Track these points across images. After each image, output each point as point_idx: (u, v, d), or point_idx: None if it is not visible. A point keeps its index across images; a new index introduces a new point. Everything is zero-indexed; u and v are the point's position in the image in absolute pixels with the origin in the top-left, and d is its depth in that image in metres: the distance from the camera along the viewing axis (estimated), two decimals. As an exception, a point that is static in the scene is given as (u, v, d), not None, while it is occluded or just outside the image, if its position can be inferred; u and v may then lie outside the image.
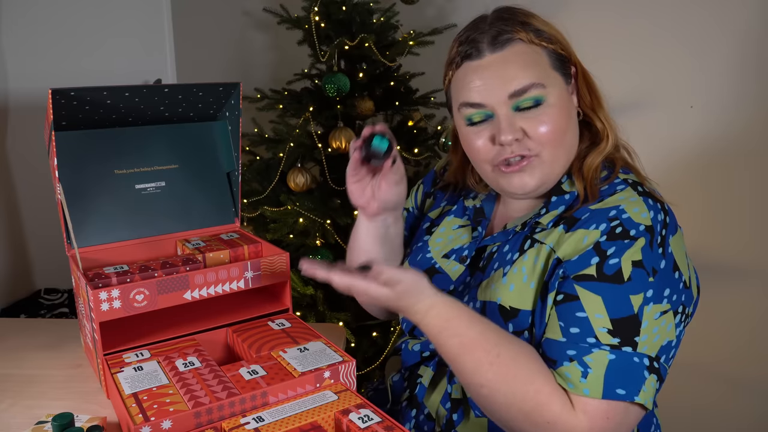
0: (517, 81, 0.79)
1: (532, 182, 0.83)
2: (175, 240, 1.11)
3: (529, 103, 0.80)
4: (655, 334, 0.73)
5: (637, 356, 0.72)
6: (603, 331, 0.72)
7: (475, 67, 0.81)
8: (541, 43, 0.81)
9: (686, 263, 0.79)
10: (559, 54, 0.83)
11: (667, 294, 0.74)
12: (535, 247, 0.82)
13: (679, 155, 1.70)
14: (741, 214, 1.64)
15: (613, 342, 0.72)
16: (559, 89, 0.82)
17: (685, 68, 1.66)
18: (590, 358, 0.72)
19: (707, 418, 1.74)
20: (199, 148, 1.14)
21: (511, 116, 0.81)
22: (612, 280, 0.73)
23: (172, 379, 0.79)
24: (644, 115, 1.73)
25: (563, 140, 0.82)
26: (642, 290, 0.73)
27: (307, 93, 1.88)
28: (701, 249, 1.70)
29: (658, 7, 1.67)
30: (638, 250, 0.74)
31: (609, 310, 0.73)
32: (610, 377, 0.71)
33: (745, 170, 1.62)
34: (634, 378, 0.71)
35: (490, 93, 0.80)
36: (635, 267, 0.73)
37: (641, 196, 0.78)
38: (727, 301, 1.68)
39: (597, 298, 0.73)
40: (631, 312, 0.72)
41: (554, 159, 0.82)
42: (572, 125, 0.84)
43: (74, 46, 1.96)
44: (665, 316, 0.74)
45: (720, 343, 1.71)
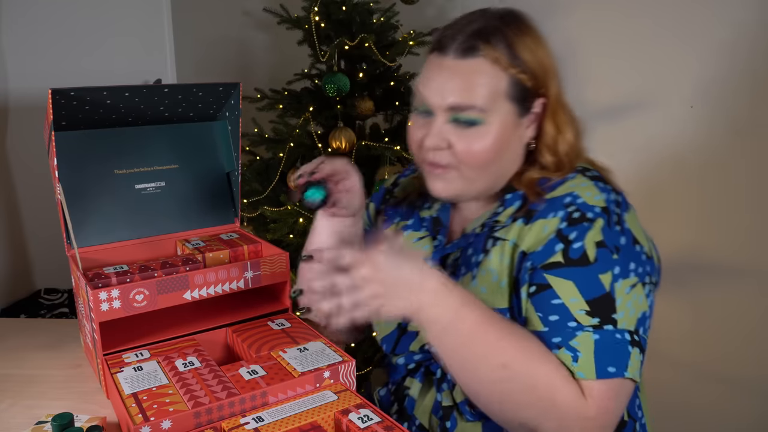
0: (460, 97, 0.79)
1: (447, 191, 0.85)
2: (175, 240, 1.11)
3: (464, 119, 0.80)
4: (630, 308, 0.75)
5: (618, 333, 0.73)
6: (581, 313, 0.74)
7: (437, 63, 0.82)
8: (507, 68, 0.80)
9: (644, 236, 0.81)
10: (523, 86, 0.81)
11: (632, 268, 0.76)
12: (498, 245, 0.82)
13: (679, 155, 1.70)
14: (738, 213, 1.64)
15: (594, 322, 0.73)
16: (505, 119, 0.81)
17: (686, 68, 1.66)
18: (576, 341, 0.73)
19: (704, 418, 1.74)
20: (199, 148, 1.14)
21: (443, 125, 0.82)
22: (579, 263, 0.75)
23: (171, 379, 0.79)
24: (644, 114, 1.73)
25: (488, 166, 0.82)
26: (609, 268, 0.75)
27: (307, 93, 1.88)
28: (698, 248, 1.70)
29: (659, 6, 1.67)
30: (599, 231, 0.76)
31: (582, 292, 0.74)
32: (600, 357, 0.72)
33: (743, 170, 1.62)
34: (621, 354, 0.73)
35: (435, 95, 0.81)
36: (599, 247, 0.75)
37: (592, 180, 0.80)
38: (724, 300, 1.68)
39: (568, 283, 0.75)
40: (604, 291, 0.74)
41: (475, 178, 0.83)
42: (507, 154, 0.83)
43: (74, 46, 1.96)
44: (635, 290, 0.76)
45: (717, 343, 1.71)
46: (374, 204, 1.08)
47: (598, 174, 0.83)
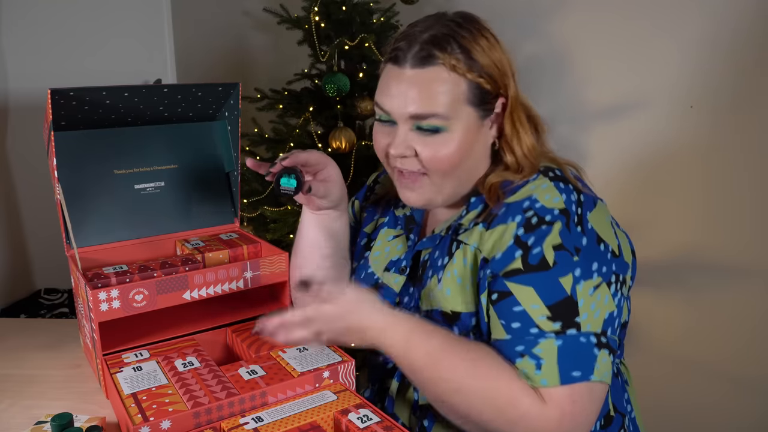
0: (421, 106, 0.79)
1: (417, 200, 0.85)
2: (175, 240, 1.11)
3: (427, 126, 0.80)
4: (594, 310, 0.74)
5: (583, 336, 0.72)
6: (543, 319, 0.73)
7: (395, 74, 0.82)
8: (465, 74, 0.79)
9: (612, 233, 0.80)
10: (482, 89, 0.81)
11: (595, 268, 0.75)
12: (461, 248, 0.82)
13: (679, 155, 1.70)
14: (741, 213, 1.64)
15: (556, 327, 0.73)
16: (467, 123, 0.81)
17: (685, 68, 1.66)
18: (539, 348, 0.72)
19: (708, 417, 1.74)
20: (199, 148, 1.14)
21: (407, 133, 0.82)
22: (538, 268, 0.75)
23: (171, 379, 0.79)
24: (644, 114, 1.73)
25: (455, 171, 0.82)
26: (569, 271, 0.74)
27: (307, 93, 1.88)
28: (701, 248, 1.70)
29: (658, 7, 1.67)
30: (556, 235, 0.75)
31: (543, 297, 0.74)
32: (563, 362, 0.71)
33: (744, 170, 1.62)
34: (586, 358, 0.72)
35: (395, 106, 0.81)
36: (557, 251, 0.75)
37: (552, 182, 0.79)
38: (728, 300, 1.68)
39: (528, 289, 0.74)
40: (565, 294, 0.73)
41: (442, 184, 0.83)
42: (473, 157, 0.84)
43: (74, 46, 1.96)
44: (599, 290, 0.75)
45: (721, 342, 1.71)
46: (358, 201, 1.08)
47: (561, 174, 0.81)
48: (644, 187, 1.75)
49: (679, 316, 1.75)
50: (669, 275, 1.74)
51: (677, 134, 1.69)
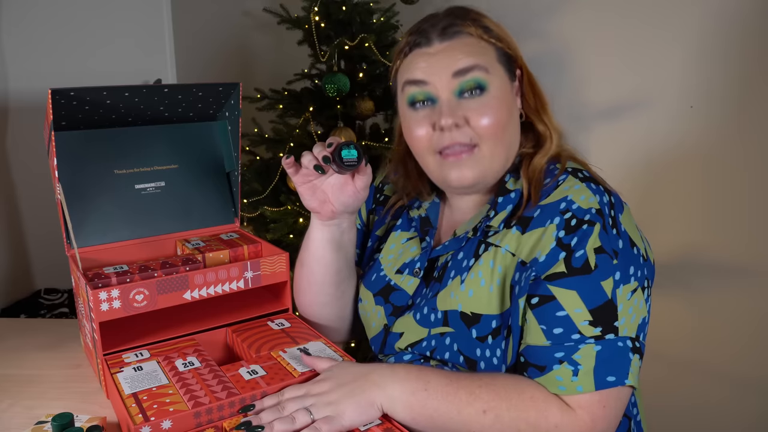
0: (462, 62, 0.81)
1: (470, 175, 0.83)
2: (175, 240, 1.11)
3: (471, 84, 0.80)
4: (631, 314, 0.74)
5: (620, 341, 0.73)
6: (585, 324, 0.73)
7: (423, 53, 0.83)
8: (489, 39, 0.83)
9: (639, 236, 0.80)
10: (505, 52, 0.85)
11: (632, 272, 0.76)
12: (489, 250, 0.81)
13: (680, 155, 1.70)
14: (741, 213, 1.64)
15: (596, 333, 0.72)
16: (502, 82, 0.83)
17: (685, 68, 1.66)
18: (579, 355, 0.72)
19: (709, 418, 1.74)
20: (199, 148, 1.14)
21: (453, 101, 0.82)
22: (581, 271, 0.74)
23: (171, 379, 0.79)
24: (644, 114, 1.73)
25: (503, 135, 0.83)
26: (610, 274, 0.74)
27: (307, 93, 1.88)
28: (702, 248, 1.70)
29: (658, 7, 1.67)
30: (596, 237, 0.75)
31: (586, 301, 0.73)
32: (600, 368, 0.71)
33: (745, 170, 1.62)
34: (622, 363, 0.72)
35: (435, 72, 0.81)
36: (598, 254, 0.74)
37: (583, 182, 0.79)
38: (729, 300, 1.68)
39: (572, 293, 0.74)
40: (606, 298, 0.73)
41: (493, 153, 0.83)
42: (513, 123, 0.85)
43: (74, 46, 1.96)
44: (636, 295, 0.75)
45: (722, 343, 1.71)
46: (367, 204, 1.06)
47: (590, 174, 0.82)
48: (644, 187, 1.75)
49: (680, 316, 1.75)
50: (669, 275, 1.74)
51: (677, 134, 1.70)
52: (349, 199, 0.88)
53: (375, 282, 0.95)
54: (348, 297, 1.00)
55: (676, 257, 1.73)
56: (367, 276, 0.97)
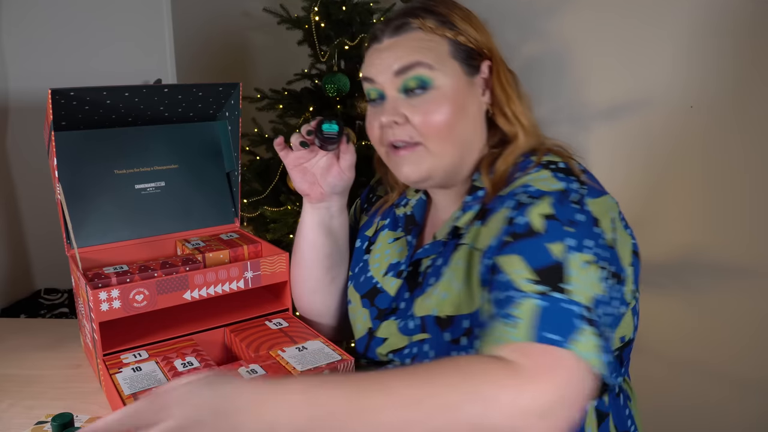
0: (403, 60, 0.79)
1: (416, 173, 0.81)
2: (175, 240, 1.11)
3: (413, 83, 0.79)
4: (585, 283, 0.64)
5: (567, 302, 0.62)
6: (526, 282, 0.63)
7: (375, 49, 0.83)
8: (443, 33, 0.80)
9: (610, 227, 0.72)
10: (463, 46, 0.81)
11: (590, 245, 0.66)
12: (459, 250, 0.80)
13: (680, 155, 1.70)
14: (742, 213, 1.64)
15: (539, 289, 0.62)
16: (455, 78, 0.80)
17: (685, 68, 1.66)
18: (517, 309, 0.62)
19: (709, 418, 1.74)
20: (199, 148, 1.14)
21: (396, 99, 0.81)
22: (525, 235, 0.67)
23: (171, 379, 0.79)
24: (644, 114, 1.73)
25: (450, 133, 0.79)
26: (560, 239, 0.66)
27: (307, 93, 1.88)
28: (703, 248, 1.70)
29: (658, 7, 1.67)
30: (547, 205, 0.69)
31: (529, 262, 0.65)
32: (540, 322, 0.60)
33: (745, 170, 1.62)
34: (566, 324, 0.60)
35: (380, 71, 0.81)
36: (548, 219, 0.67)
37: (552, 172, 0.74)
38: (730, 300, 1.68)
39: (514, 257, 0.66)
40: (554, 260, 0.64)
41: (442, 152, 0.80)
42: (467, 119, 0.81)
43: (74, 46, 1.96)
44: (591, 267, 0.65)
45: (722, 343, 1.71)
46: (360, 201, 1.07)
47: (565, 166, 0.75)
48: (644, 187, 1.75)
49: (680, 317, 1.75)
50: (669, 275, 1.74)
51: (677, 134, 1.69)
52: (335, 180, 0.90)
53: (363, 283, 0.93)
54: (338, 286, 0.99)
55: (676, 257, 1.73)
56: (356, 277, 0.96)
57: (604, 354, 0.61)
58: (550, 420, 0.55)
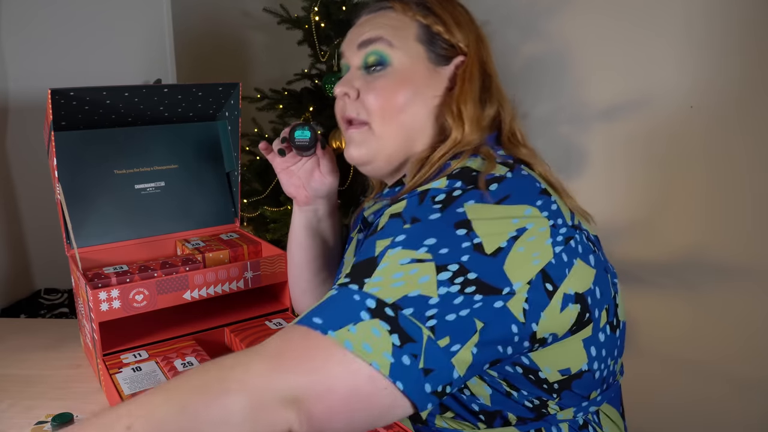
0: (366, 34, 0.79)
1: (358, 154, 0.80)
2: (175, 240, 1.11)
3: (372, 59, 0.78)
4: (397, 279, 0.58)
5: (359, 294, 0.57)
6: (340, 279, 0.61)
7: (353, 27, 0.84)
8: (414, 15, 0.78)
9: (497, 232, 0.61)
10: (434, 32, 0.78)
11: (429, 243, 0.60)
12: None
13: (679, 155, 1.70)
14: (742, 213, 1.64)
15: (343, 281, 0.60)
16: (414, 60, 0.77)
17: (685, 68, 1.66)
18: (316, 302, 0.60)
19: (709, 418, 1.74)
20: (199, 148, 1.14)
21: (354, 73, 0.81)
22: (368, 236, 0.66)
23: (171, 379, 0.79)
24: (644, 115, 1.73)
25: (397, 116, 0.77)
26: (392, 235, 0.61)
27: (307, 93, 1.88)
28: (703, 248, 1.70)
29: (659, 7, 1.67)
30: (399, 206, 0.65)
31: (356, 259, 0.63)
32: (318, 308, 0.58)
33: (746, 170, 1.62)
34: (342, 311, 0.56)
35: (348, 44, 0.82)
36: (391, 218, 0.64)
37: (450, 179, 0.65)
38: (730, 300, 1.67)
39: (352, 260, 0.63)
40: (371, 255, 0.61)
41: (384, 134, 0.78)
42: (418, 106, 0.77)
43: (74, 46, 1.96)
44: (419, 266, 0.58)
45: (723, 343, 1.71)
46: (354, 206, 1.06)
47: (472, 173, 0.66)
48: (644, 188, 1.75)
49: (680, 317, 1.75)
50: (669, 275, 1.74)
51: (678, 134, 1.69)
52: (317, 184, 0.90)
53: None
54: (328, 287, 0.99)
55: (677, 257, 1.73)
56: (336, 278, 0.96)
57: (409, 356, 0.54)
58: (300, 411, 0.52)
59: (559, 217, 0.65)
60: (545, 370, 0.66)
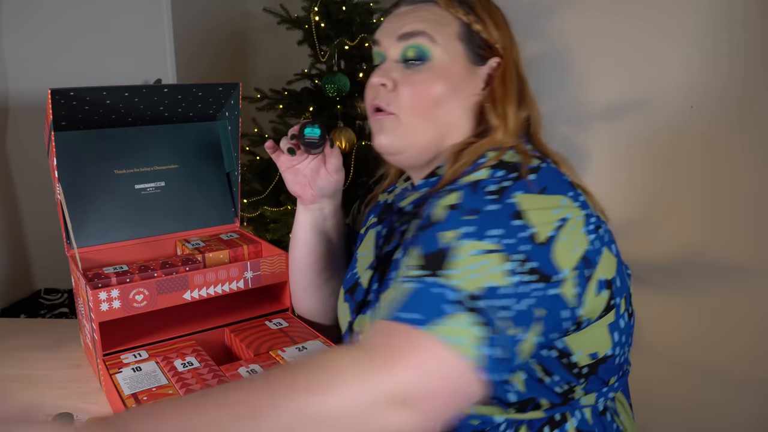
0: (409, 26, 0.79)
1: (388, 142, 0.80)
2: (175, 240, 1.11)
3: (412, 52, 0.78)
4: (473, 271, 0.59)
5: (439, 287, 0.58)
6: (409, 269, 0.61)
7: (392, 14, 0.85)
8: (456, 13, 0.79)
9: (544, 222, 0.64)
10: (474, 31, 0.79)
11: (495, 234, 0.61)
12: None
13: (679, 155, 1.70)
14: (742, 213, 1.64)
15: (417, 273, 0.60)
16: (452, 59, 0.78)
17: (685, 68, 1.66)
18: (389, 293, 0.62)
19: (709, 418, 1.74)
20: (199, 148, 1.14)
21: (392, 64, 0.81)
22: (425, 227, 0.65)
23: (171, 379, 0.79)
24: (644, 115, 1.73)
25: (431, 110, 0.78)
26: (454, 227, 0.62)
27: (307, 93, 1.88)
28: (703, 248, 1.70)
29: (659, 7, 1.67)
30: (454, 197, 0.65)
31: (421, 250, 0.63)
32: (403, 304, 0.58)
33: (745, 170, 1.62)
34: (432, 307, 0.57)
35: (387, 33, 0.82)
36: (449, 209, 0.64)
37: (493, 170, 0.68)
38: (730, 300, 1.67)
39: (414, 249, 0.64)
40: (440, 246, 0.61)
41: (414, 126, 0.78)
42: (454, 103, 0.79)
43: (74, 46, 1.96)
44: (489, 257, 0.59)
45: (723, 343, 1.71)
46: (357, 203, 1.06)
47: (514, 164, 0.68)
48: (644, 188, 1.75)
49: (680, 317, 1.75)
50: (670, 275, 1.74)
51: (677, 134, 1.69)
52: (323, 183, 0.90)
53: (348, 279, 0.92)
54: (332, 287, 0.99)
55: (676, 257, 1.73)
56: (346, 274, 0.95)
57: (489, 347, 0.55)
58: (411, 410, 0.52)
59: (587, 207, 0.69)
60: (577, 354, 0.69)
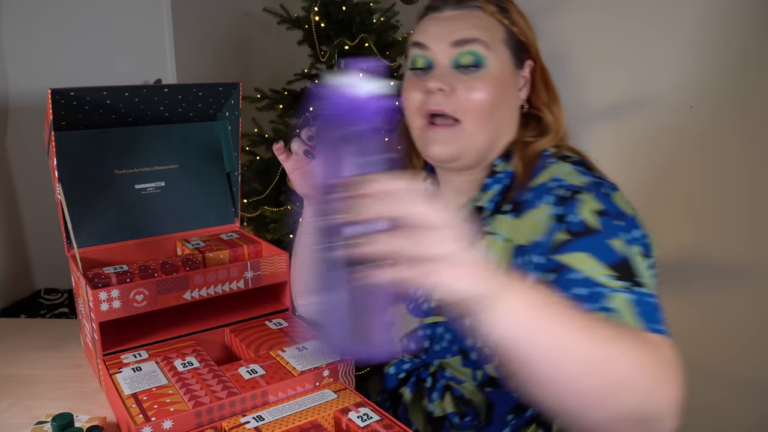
0: (464, 32, 0.80)
1: (448, 151, 0.82)
2: (175, 240, 1.11)
3: (468, 59, 0.80)
4: (647, 274, 0.69)
5: (647, 295, 0.66)
6: (607, 279, 0.66)
7: (433, 18, 0.84)
8: (501, 19, 0.83)
9: None
10: (516, 37, 0.84)
11: (638, 236, 0.71)
12: (486, 239, 0.80)
13: (679, 155, 1.70)
14: (742, 213, 1.64)
15: (623, 284, 0.65)
16: (503, 64, 0.82)
17: (685, 68, 1.66)
18: (611, 302, 0.64)
19: (709, 418, 1.74)
20: (199, 148, 1.14)
21: (447, 69, 0.81)
22: (585, 233, 0.70)
23: (171, 379, 0.79)
24: (644, 115, 1.73)
25: (490, 115, 0.81)
26: (616, 235, 0.69)
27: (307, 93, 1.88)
28: (703, 248, 1.70)
29: (658, 7, 1.67)
30: (593, 201, 0.72)
31: (600, 259, 0.67)
32: (644, 315, 0.63)
33: (745, 170, 1.62)
34: (655, 313, 0.65)
35: (437, 38, 0.82)
36: (600, 216, 0.71)
37: (573, 165, 0.79)
38: (730, 300, 1.68)
39: (583, 254, 0.68)
40: (620, 256, 0.68)
41: (476, 131, 0.81)
42: (506, 107, 0.83)
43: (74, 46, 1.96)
44: (644, 258, 0.70)
45: (723, 343, 1.71)
46: None
47: (580, 160, 0.81)
48: (644, 187, 1.75)
49: (680, 317, 1.75)
50: (670, 275, 1.74)
51: (677, 134, 1.70)
52: None
53: None
54: None
55: (676, 257, 1.73)
56: None
57: None
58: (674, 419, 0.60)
59: None
60: None
